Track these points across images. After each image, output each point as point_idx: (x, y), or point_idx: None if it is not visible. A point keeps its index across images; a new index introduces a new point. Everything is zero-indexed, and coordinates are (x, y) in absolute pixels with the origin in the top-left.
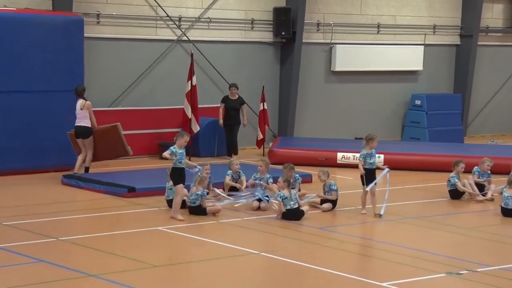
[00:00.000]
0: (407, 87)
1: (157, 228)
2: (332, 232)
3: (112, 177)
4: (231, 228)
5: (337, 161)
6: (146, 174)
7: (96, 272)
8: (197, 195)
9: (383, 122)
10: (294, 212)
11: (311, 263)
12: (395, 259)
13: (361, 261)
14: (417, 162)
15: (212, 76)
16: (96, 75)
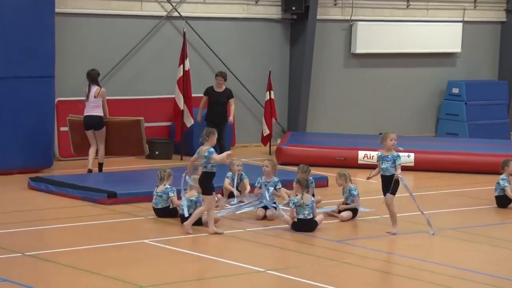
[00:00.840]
0: (443, 72)
1: (142, 241)
2: (352, 246)
3: (89, 180)
4: (231, 241)
5: (358, 162)
6: (129, 176)
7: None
8: (191, 202)
9: (413, 115)
10: (307, 222)
11: (327, 283)
12: (428, 278)
13: (387, 281)
14: (455, 163)
15: (209, 59)
16: (69, 59)
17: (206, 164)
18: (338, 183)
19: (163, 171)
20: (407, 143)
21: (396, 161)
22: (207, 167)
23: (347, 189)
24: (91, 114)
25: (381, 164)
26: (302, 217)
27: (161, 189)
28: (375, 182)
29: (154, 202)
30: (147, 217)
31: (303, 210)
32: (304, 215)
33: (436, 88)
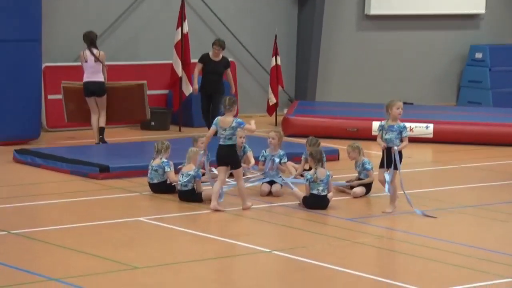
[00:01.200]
0: (465, 35)
1: (137, 218)
2: (366, 225)
3: (80, 153)
4: (234, 219)
5: (372, 133)
6: (123, 149)
7: (59, 275)
8: (189, 176)
9: (433, 82)
10: (321, 199)
11: (338, 265)
12: (448, 259)
13: (404, 262)
14: (478, 134)
15: (209, 21)
16: (57, 20)
17: (231, 135)
18: (350, 156)
19: (160, 143)
20: (426, 112)
21: (403, 132)
22: (232, 138)
23: (360, 163)
24: (93, 80)
25: (384, 134)
26: (316, 193)
27: (157, 163)
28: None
29: (149, 177)
30: (143, 193)
31: (317, 185)
32: (318, 191)
33: (458, 53)
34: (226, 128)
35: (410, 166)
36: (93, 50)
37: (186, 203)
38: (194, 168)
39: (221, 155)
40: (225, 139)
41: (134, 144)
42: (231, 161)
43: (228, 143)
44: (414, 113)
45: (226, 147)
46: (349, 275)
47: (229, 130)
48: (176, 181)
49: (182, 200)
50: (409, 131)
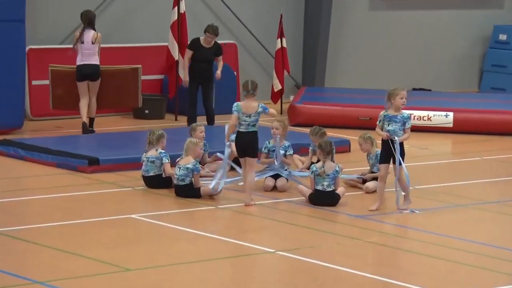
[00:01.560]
0: (488, 15)
1: (130, 216)
2: (378, 223)
3: (67, 144)
4: (235, 216)
5: None
6: (114, 139)
7: (45, 278)
8: (187, 170)
9: (452, 66)
10: (326, 195)
11: (347, 266)
12: (467, 260)
13: (418, 263)
14: (502, 123)
15: (208, 0)
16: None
17: (255, 122)
18: (363, 148)
19: (152, 133)
20: (445, 99)
21: (406, 124)
22: (255, 125)
23: (373, 155)
24: (89, 63)
25: (386, 125)
26: (320, 188)
27: (153, 154)
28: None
29: (144, 169)
30: (136, 187)
31: (322, 180)
32: (322, 186)
33: (480, 34)
34: (251, 114)
35: (427, 158)
36: (89, 31)
37: (183, 199)
38: (192, 161)
39: (243, 143)
40: (249, 125)
41: (126, 134)
42: (252, 148)
43: (251, 129)
44: (432, 101)
45: (249, 135)
46: (359, 276)
47: (254, 116)
48: (173, 174)
49: (178, 195)
50: (428, 120)
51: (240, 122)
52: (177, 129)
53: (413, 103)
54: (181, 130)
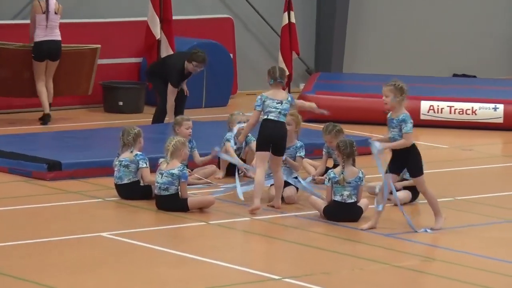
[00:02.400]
0: None
1: (99, 234)
2: (411, 243)
3: (21, 143)
4: (230, 235)
5: (421, 117)
6: (80, 138)
7: None
8: (171, 176)
9: (500, 49)
10: (347, 208)
11: None
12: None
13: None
14: None
15: None
16: None
17: (287, 111)
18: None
19: (127, 131)
20: (493, 88)
21: (403, 128)
22: (286, 115)
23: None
24: (53, 39)
25: (391, 127)
26: (340, 199)
27: (128, 157)
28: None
29: (117, 176)
30: (106, 198)
31: (342, 189)
32: (342, 197)
33: None
34: (283, 100)
35: (471, 161)
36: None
37: (166, 213)
38: (178, 165)
39: (272, 135)
40: (280, 114)
41: (95, 131)
42: (281, 145)
43: (282, 119)
44: (477, 90)
45: (281, 126)
46: None
47: (286, 103)
48: (153, 182)
49: (160, 208)
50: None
51: (270, 109)
52: (159, 126)
53: (453, 92)
54: (163, 126)
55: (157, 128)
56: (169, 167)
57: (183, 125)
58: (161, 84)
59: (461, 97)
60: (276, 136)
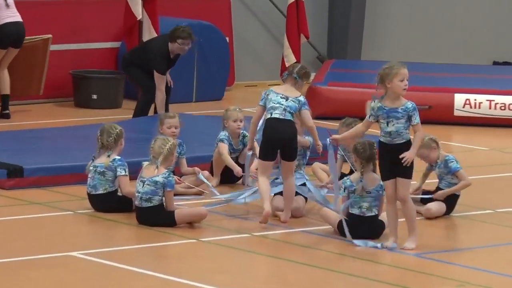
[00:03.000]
0: None
1: (69, 253)
2: (445, 264)
3: None
4: (225, 254)
5: (455, 112)
6: (46, 138)
7: None
8: (155, 185)
9: None
10: (367, 222)
11: None
12: None
13: None
14: None
15: None
16: None
17: (294, 110)
18: (422, 154)
19: (106, 131)
20: None
21: (412, 119)
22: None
23: (441, 162)
24: (18, 21)
25: (384, 124)
26: (357, 213)
27: (104, 162)
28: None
29: (91, 185)
30: (78, 211)
31: (361, 200)
32: (360, 209)
33: None
34: (290, 97)
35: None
36: None
37: (148, 229)
38: (164, 171)
39: (277, 135)
40: (285, 111)
41: (64, 130)
42: (290, 146)
43: (289, 117)
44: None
45: (287, 124)
46: None
47: (293, 101)
48: (133, 194)
49: (142, 223)
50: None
51: (273, 105)
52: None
53: (493, 84)
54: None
55: (139, 124)
56: (152, 173)
57: (164, 124)
58: (141, 73)
59: (503, 89)
60: (283, 138)
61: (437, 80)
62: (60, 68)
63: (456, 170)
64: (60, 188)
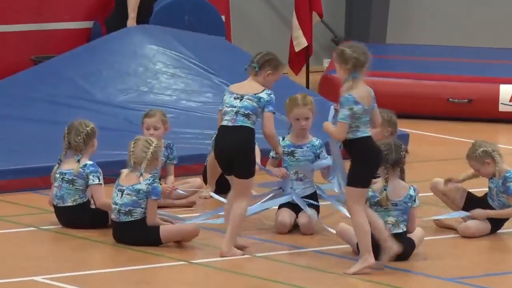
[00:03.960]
0: None
1: (31, 278)
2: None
3: None
4: (221, 279)
5: (500, 107)
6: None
7: None
8: (136, 194)
9: None
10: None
11: None
12: None
13: None
14: None
15: None
16: None
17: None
18: (473, 166)
19: (75, 129)
20: None
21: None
22: (250, 117)
23: (499, 179)
24: None
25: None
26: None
27: (73, 168)
28: None
29: (58, 195)
30: (41, 227)
31: (386, 214)
32: (385, 225)
33: None
34: (245, 95)
35: None
36: None
37: (128, 248)
38: (148, 177)
39: (222, 146)
40: (237, 114)
41: (23, 127)
42: (239, 160)
43: (240, 122)
44: None
45: (236, 132)
46: None
47: (248, 99)
48: (109, 205)
49: (120, 241)
50: None
51: (225, 109)
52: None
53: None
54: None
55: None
56: (132, 180)
57: (143, 123)
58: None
59: None
60: (227, 150)
61: (478, 68)
62: (20, 53)
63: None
64: (19, 198)
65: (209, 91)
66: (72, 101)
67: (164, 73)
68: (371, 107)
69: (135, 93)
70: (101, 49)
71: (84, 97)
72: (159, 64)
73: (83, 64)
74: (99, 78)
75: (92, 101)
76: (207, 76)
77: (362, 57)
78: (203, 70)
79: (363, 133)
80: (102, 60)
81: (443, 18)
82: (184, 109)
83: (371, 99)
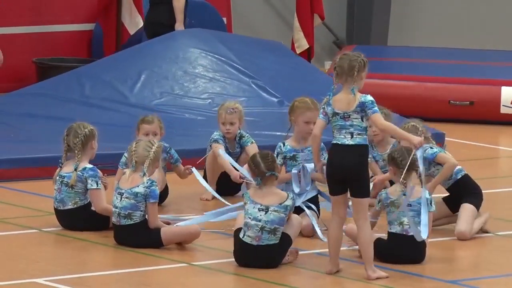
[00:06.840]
0: None
1: (33, 280)
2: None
3: None
4: (223, 281)
5: (501, 109)
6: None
7: None
8: (135, 198)
9: None
10: (408, 244)
11: None
12: None
13: None
14: None
15: None
16: None
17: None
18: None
19: (73, 131)
20: None
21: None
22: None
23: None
24: None
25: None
26: (399, 231)
27: (70, 171)
28: None
29: (58, 198)
30: (43, 229)
31: (401, 216)
32: (401, 226)
33: None
34: (347, 111)
35: None
36: None
37: (129, 250)
38: (147, 179)
39: (342, 165)
40: (347, 134)
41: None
42: (356, 178)
43: (351, 142)
44: None
45: (349, 151)
46: None
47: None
48: (109, 210)
49: (121, 243)
50: None
51: (335, 124)
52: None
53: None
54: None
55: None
56: (132, 183)
57: (140, 129)
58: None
59: None
60: (346, 167)
61: (480, 70)
62: (22, 55)
63: (434, 157)
64: (21, 201)
65: (244, 95)
66: (105, 103)
67: (202, 77)
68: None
69: (170, 96)
70: (145, 52)
71: (119, 100)
72: (199, 67)
73: (124, 67)
74: (137, 81)
75: (126, 104)
76: (245, 81)
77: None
78: (242, 74)
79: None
80: (143, 64)
81: (444, 20)
82: (216, 113)
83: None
